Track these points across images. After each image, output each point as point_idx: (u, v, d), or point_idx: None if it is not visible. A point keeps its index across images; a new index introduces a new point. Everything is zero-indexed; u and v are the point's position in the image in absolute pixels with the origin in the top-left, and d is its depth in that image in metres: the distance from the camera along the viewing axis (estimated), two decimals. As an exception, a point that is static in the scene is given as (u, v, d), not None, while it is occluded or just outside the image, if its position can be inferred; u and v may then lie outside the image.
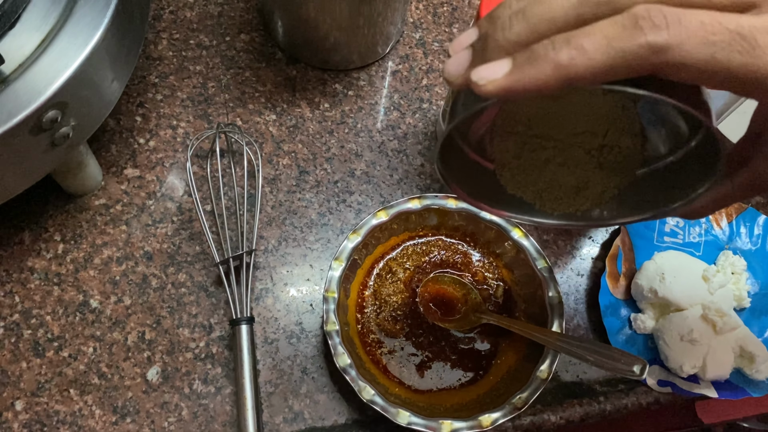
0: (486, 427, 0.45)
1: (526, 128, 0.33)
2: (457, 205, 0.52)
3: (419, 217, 0.52)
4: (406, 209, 0.51)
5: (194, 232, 0.53)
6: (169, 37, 0.61)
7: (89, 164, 0.52)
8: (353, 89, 0.61)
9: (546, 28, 0.23)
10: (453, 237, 0.54)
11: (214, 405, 0.48)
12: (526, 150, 0.34)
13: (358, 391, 0.45)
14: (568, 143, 0.33)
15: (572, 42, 0.22)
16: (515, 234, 0.51)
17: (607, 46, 0.21)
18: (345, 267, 0.49)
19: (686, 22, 0.21)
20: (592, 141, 0.33)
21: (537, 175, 0.34)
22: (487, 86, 0.23)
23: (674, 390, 0.51)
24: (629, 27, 0.21)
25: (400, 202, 0.51)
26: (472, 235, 0.54)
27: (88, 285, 0.51)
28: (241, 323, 0.48)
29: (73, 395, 0.48)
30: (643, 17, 0.21)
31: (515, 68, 0.23)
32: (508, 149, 0.34)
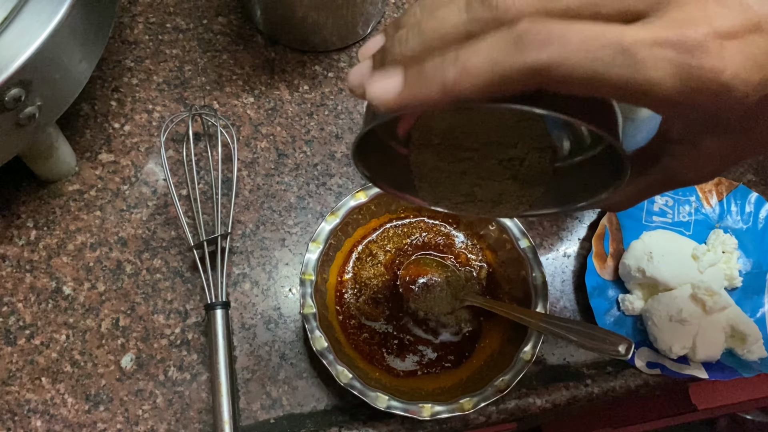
0: (467, 410, 0.43)
1: (441, 140, 0.33)
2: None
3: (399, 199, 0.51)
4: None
5: (170, 217, 0.52)
6: (146, 20, 0.60)
7: (60, 148, 0.50)
8: (333, 71, 0.59)
9: (438, 43, 0.23)
10: (435, 218, 0.53)
11: (190, 392, 0.47)
12: (443, 162, 0.33)
13: (336, 375, 0.44)
14: (482, 155, 0.33)
15: (458, 61, 0.22)
16: None
17: (491, 65, 0.21)
18: (323, 249, 0.48)
19: (568, 37, 0.20)
20: (505, 152, 0.32)
21: (454, 188, 0.34)
22: (378, 102, 0.23)
23: (663, 372, 0.49)
24: (512, 45, 0.21)
25: None
26: (455, 216, 0.52)
27: (61, 272, 0.50)
28: (216, 308, 0.47)
29: (44, 383, 0.47)
30: (526, 34, 0.21)
31: (406, 85, 0.23)
32: (425, 162, 0.34)
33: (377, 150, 0.33)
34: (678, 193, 0.56)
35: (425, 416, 0.43)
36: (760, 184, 0.59)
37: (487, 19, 0.22)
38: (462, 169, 0.33)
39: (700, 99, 0.21)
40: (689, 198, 0.56)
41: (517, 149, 0.32)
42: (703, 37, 0.20)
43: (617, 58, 0.20)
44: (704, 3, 0.21)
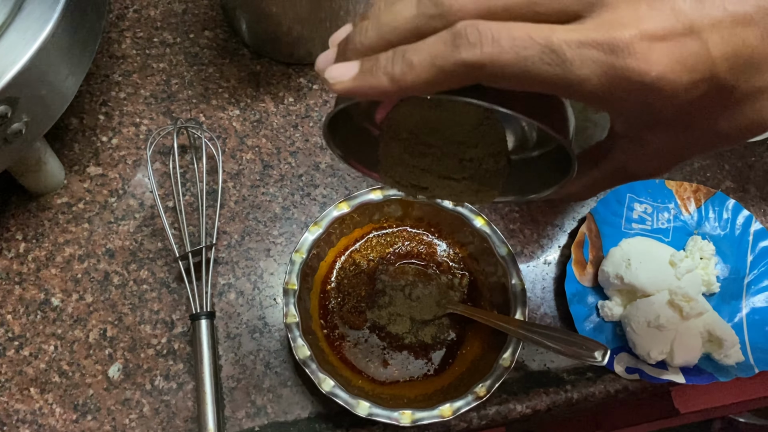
0: (447, 417, 0.44)
1: (409, 135, 0.35)
2: (419, 195, 0.51)
3: (382, 208, 0.52)
4: (368, 200, 0.51)
5: (156, 229, 0.53)
6: (133, 35, 0.61)
7: (49, 162, 0.51)
8: (318, 83, 0.60)
9: (393, 37, 0.25)
10: (417, 227, 0.54)
11: (176, 401, 0.48)
12: (408, 156, 0.35)
13: (318, 383, 0.45)
14: (445, 152, 0.35)
15: (405, 57, 0.24)
16: (478, 223, 0.51)
17: (430, 62, 0.23)
18: (306, 259, 0.48)
19: (499, 37, 0.22)
20: (465, 152, 0.34)
21: (415, 179, 0.36)
22: (335, 85, 0.26)
23: (642, 377, 0.50)
24: (449, 44, 0.23)
25: (362, 193, 0.51)
26: (437, 225, 0.53)
27: (49, 283, 0.51)
28: (201, 318, 0.48)
29: (33, 394, 0.47)
30: (460, 35, 0.22)
31: (359, 73, 0.25)
32: (392, 154, 0.36)
33: (353, 131, 0.35)
34: (657, 200, 0.57)
35: (406, 423, 0.44)
36: (737, 191, 0.60)
37: (433, 15, 0.24)
38: (425, 165, 0.35)
39: (628, 97, 0.23)
40: (668, 205, 0.57)
41: (478, 149, 0.34)
42: (629, 39, 0.22)
43: (546, 57, 0.22)
44: (636, 6, 0.22)
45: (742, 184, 0.61)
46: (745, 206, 0.58)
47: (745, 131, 0.25)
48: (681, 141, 0.26)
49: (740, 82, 0.23)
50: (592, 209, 0.55)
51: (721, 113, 0.24)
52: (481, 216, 0.51)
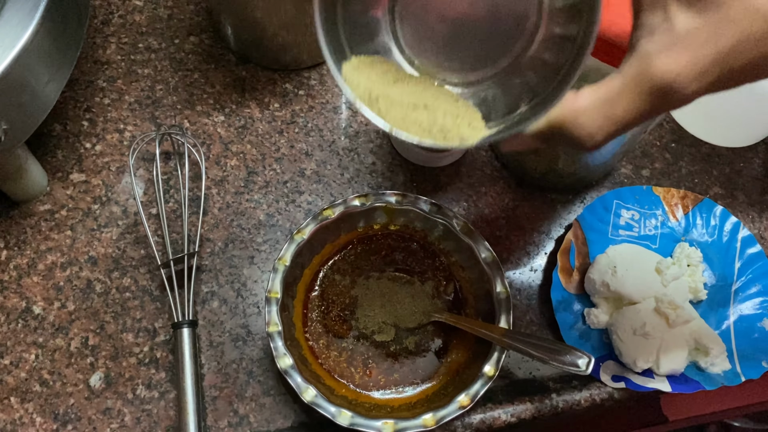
0: (430, 426, 0.44)
1: None
2: (403, 201, 0.51)
3: (367, 215, 0.52)
4: (352, 207, 0.50)
5: (139, 236, 0.53)
6: (118, 41, 0.60)
7: (30, 169, 0.51)
8: (304, 89, 0.60)
9: None
10: (403, 234, 0.53)
11: (158, 410, 0.47)
12: None
13: (300, 393, 0.44)
14: None
15: None
16: (463, 230, 0.50)
17: None
18: (288, 267, 0.48)
19: None
20: None
21: None
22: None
23: (628, 385, 0.50)
24: None
25: (346, 201, 0.50)
26: (422, 232, 0.53)
27: (31, 291, 0.50)
28: (183, 327, 0.48)
29: (13, 403, 0.47)
30: None
31: None
32: None
33: None
34: (644, 206, 0.57)
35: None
36: (726, 197, 0.60)
37: None
38: None
39: None
40: (655, 212, 0.57)
41: None
42: None
43: None
44: None
45: (730, 190, 0.60)
46: (733, 213, 0.58)
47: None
48: (713, 21, 0.27)
49: None
50: (578, 216, 0.55)
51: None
52: (466, 223, 0.50)
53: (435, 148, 0.55)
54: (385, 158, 0.58)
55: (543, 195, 0.58)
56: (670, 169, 0.61)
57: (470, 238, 0.50)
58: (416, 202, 0.50)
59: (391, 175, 0.57)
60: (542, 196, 0.58)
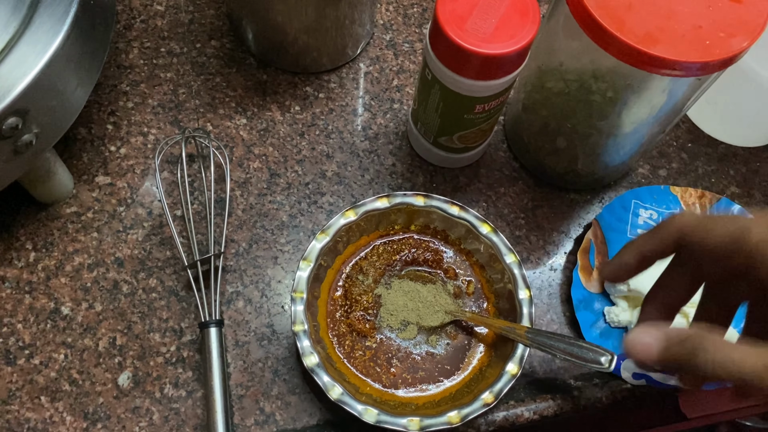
0: (455, 424, 0.45)
1: None
2: (425, 202, 0.52)
3: (389, 216, 0.52)
4: (374, 208, 0.51)
5: (165, 237, 0.53)
6: (140, 45, 0.61)
7: (58, 172, 0.52)
8: (324, 91, 0.61)
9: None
10: (424, 234, 0.54)
11: (185, 409, 0.48)
12: None
13: (326, 391, 0.45)
14: None
15: None
16: (484, 230, 0.51)
17: None
18: (313, 267, 0.49)
19: None
20: None
21: None
22: None
23: (649, 382, 0.50)
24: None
25: (368, 201, 0.51)
26: (443, 232, 0.53)
27: (59, 292, 0.51)
28: (210, 326, 0.48)
29: (44, 402, 0.48)
30: None
31: None
32: None
33: None
34: (662, 206, 0.57)
35: (414, 430, 0.44)
36: (743, 196, 0.60)
37: None
38: None
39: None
40: (673, 211, 0.57)
41: None
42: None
43: None
44: None
45: (747, 189, 0.61)
46: (750, 211, 0.58)
47: None
48: None
49: None
50: (597, 215, 0.56)
51: None
52: (487, 223, 0.51)
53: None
54: (404, 159, 0.59)
55: (561, 195, 0.59)
56: (687, 169, 0.61)
57: (492, 238, 0.51)
58: (438, 202, 0.51)
59: (411, 176, 0.58)
60: (561, 196, 0.59)
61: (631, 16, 0.41)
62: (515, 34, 0.44)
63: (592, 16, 0.41)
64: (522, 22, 0.44)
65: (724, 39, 0.40)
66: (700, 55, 0.40)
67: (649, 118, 0.49)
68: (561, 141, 0.54)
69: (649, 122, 0.50)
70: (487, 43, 0.44)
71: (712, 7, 0.42)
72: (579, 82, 0.49)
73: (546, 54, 0.51)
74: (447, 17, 0.44)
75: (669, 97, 0.47)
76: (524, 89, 0.56)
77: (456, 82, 0.47)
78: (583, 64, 0.48)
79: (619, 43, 0.40)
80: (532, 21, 0.44)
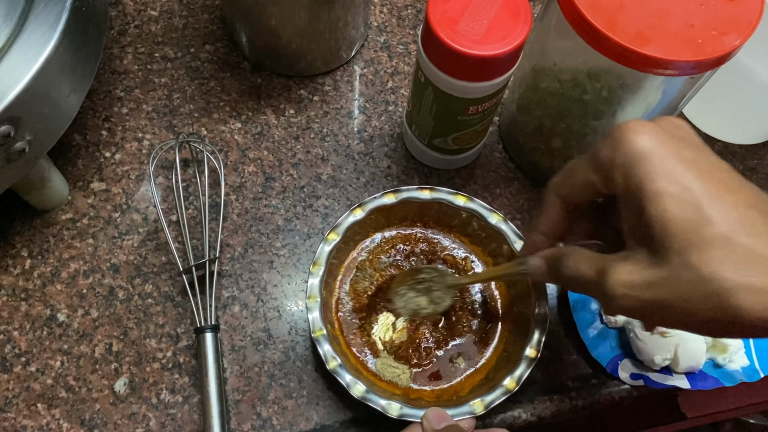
0: (479, 412, 0.44)
1: None
2: (432, 196, 0.51)
3: (395, 211, 0.52)
4: (381, 204, 0.51)
5: (160, 243, 0.53)
6: (134, 51, 0.61)
7: (52, 179, 0.52)
8: (318, 94, 0.61)
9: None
10: (430, 227, 0.54)
11: (182, 414, 0.48)
12: None
13: (349, 389, 0.45)
14: None
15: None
16: (493, 219, 0.51)
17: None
18: (325, 270, 0.49)
19: None
20: None
21: None
22: None
23: (647, 383, 0.50)
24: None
25: (375, 198, 0.51)
26: (450, 225, 0.53)
27: (55, 299, 0.51)
28: (206, 331, 0.48)
29: (40, 409, 0.48)
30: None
31: None
32: None
33: None
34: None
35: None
36: (740, 194, 0.60)
37: None
38: None
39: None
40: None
41: None
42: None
43: None
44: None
45: (744, 187, 0.60)
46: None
47: None
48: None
49: None
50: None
51: None
52: (497, 213, 0.51)
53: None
54: (400, 161, 0.58)
55: (557, 195, 0.58)
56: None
57: (501, 226, 0.51)
58: (445, 194, 0.51)
59: (407, 178, 0.58)
60: (557, 197, 0.58)
61: (623, 16, 0.41)
62: (507, 35, 0.44)
63: (583, 16, 0.41)
64: (514, 22, 0.44)
65: (717, 37, 0.40)
66: (692, 54, 0.40)
67: (644, 117, 0.49)
68: (556, 141, 0.54)
69: (643, 121, 0.50)
70: (479, 45, 0.43)
71: (704, 6, 0.41)
72: (573, 82, 0.49)
73: (539, 54, 0.51)
74: (438, 19, 0.44)
75: (663, 96, 0.47)
76: (518, 90, 0.55)
77: (449, 84, 0.47)
78: (577, 63, 0.48)
79: (611, 43, 0.40)
80: (524, 21, 0.44)
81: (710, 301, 0.29)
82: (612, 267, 0.33)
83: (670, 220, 0.30)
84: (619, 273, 0.33)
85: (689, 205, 0.30)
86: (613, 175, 0.33)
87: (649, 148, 0.32)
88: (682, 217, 0.30)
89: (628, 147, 0.32)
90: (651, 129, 0.33)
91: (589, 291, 0.36)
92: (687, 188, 0.30)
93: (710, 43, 0.40)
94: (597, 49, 0.41)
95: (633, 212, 0.32)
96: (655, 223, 0.31)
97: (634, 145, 0.32)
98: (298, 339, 0.51)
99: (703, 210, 0.30)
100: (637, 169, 0.32)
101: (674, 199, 0.30)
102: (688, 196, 0.30)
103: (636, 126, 0.33)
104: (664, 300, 0.31)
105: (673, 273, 0.30)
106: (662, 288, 0.31)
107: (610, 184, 0.34)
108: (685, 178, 0.31)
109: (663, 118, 0.35)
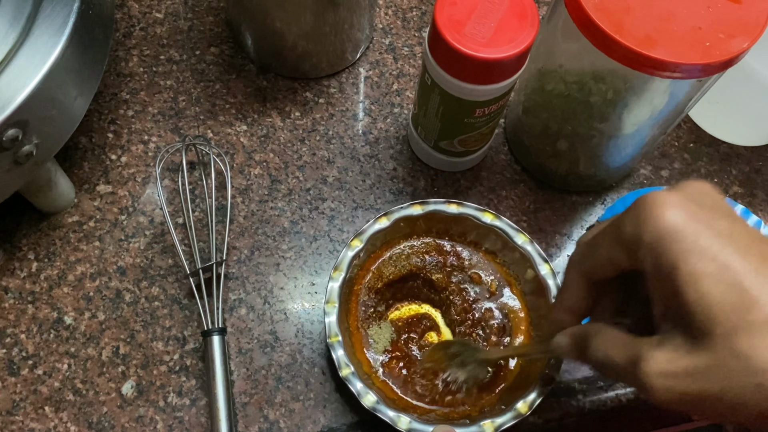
0: None
1: None
2: (459, 210, 0.51)
3: (420, 223, 0.52)
4: (407, 215, 0.51)
5: (167, 246, 0.53)
6: (140, 53, 0.61)
7: (59, 182, 0.52)
8: (324, 97, 0.61)
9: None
10: (455, 241, 0.53)
11: (189, 417, 0.48)
12: None
13: (360, 398, 0.44)
14: None
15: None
16: (519, 239, 0.51)
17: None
18: (345, 276, 0.48)
19: None
20: None
21: None
22: None
23: (654, 385, 0.50)
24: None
25: (402, 207, 0.51)
26: (475, 240, 0.53)
27: (62, 302, 0.51)
28: (213, 334, 0.48)
29: (48, 412, 0.48)
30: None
31: None
32: None
33: None
34: (665, 207, 0.57)
35: None
36: (745, 196, 0.60)
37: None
38: None
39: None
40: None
41: None
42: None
43: None
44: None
45: (750, 189, 0.61)
46: (753, 211, 0.58)
47: None
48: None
49: None
50: (599, 217, 0.55)
51: None
52: (523, 233, 0.51)
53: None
54: (405, 164, 0.59)
55: (563, 197, 0.58)
56: (689, 169, 0.61)
57: (527, 247, 0.50)
58: (472, 210, 0.51)
59: (413, 181, 0.58)
60: (563, 199, 0.58)
61: (630, 18, 0.41)
62: (514, 38, 0.44)
63: (590, 18, 0.41)
64: (521, 25, 0.44)
65: (724, 40, 0.40)
66: (700, 57, 0.40)
67: (650, 120, 0.49)
68: (562, 143, 0.54)
69: (650, 123, 0.50)
70: (486, 48, 0.44)
71: (711, 8, 0.41)
72: (579, 84, 0.49)
73: (546, 56, 0.51)
74: (445, 22, 0.44)
75: (670, 99, 0.47)
76: (524, 92, 0.55)
77: (456, 87, 0.47)
78: (583, 65, 0.48)
79: (619, 45, 0.40)
80: (530, 24, 0.44)
81: (764, 392, 0.27)
82: (647, 354, 0.30)
83: (712, 303, 0.28)
84: (655, 361, 0.30)
85: (731, 286, 0.28)
86: (640, 254, 0.31)
87: (680, 224, 0.29)
88: (725, 300, 0.28)
89: (656, 224, 0.30)
90: (678, 201, 0.30)
91: (621, 378, 0.34)
92: (726, 266, 0.28)
93: (718, 45, 0.40)
94: (604, 51, 0.41)
95: (666, 294, 0.30)
96: (694, 307, 0.28)
97: (663, 222, 0.29)
98: (304, 342, 0.51)
99: (747, 290, 0.27)
100: (669, 249, 0.29)
101: (713, 280, 0.28)
102: (729, 275, 0.28)
103: (662, 198, 0.30)
104: (708, 391, 0.28)
105: (718, 361, 0.28)
106: (706, 378, 0.28)
107: (636, 263, 0.31)
108: (723, 254, 0.28)
109: (687, 185, 0.32)
